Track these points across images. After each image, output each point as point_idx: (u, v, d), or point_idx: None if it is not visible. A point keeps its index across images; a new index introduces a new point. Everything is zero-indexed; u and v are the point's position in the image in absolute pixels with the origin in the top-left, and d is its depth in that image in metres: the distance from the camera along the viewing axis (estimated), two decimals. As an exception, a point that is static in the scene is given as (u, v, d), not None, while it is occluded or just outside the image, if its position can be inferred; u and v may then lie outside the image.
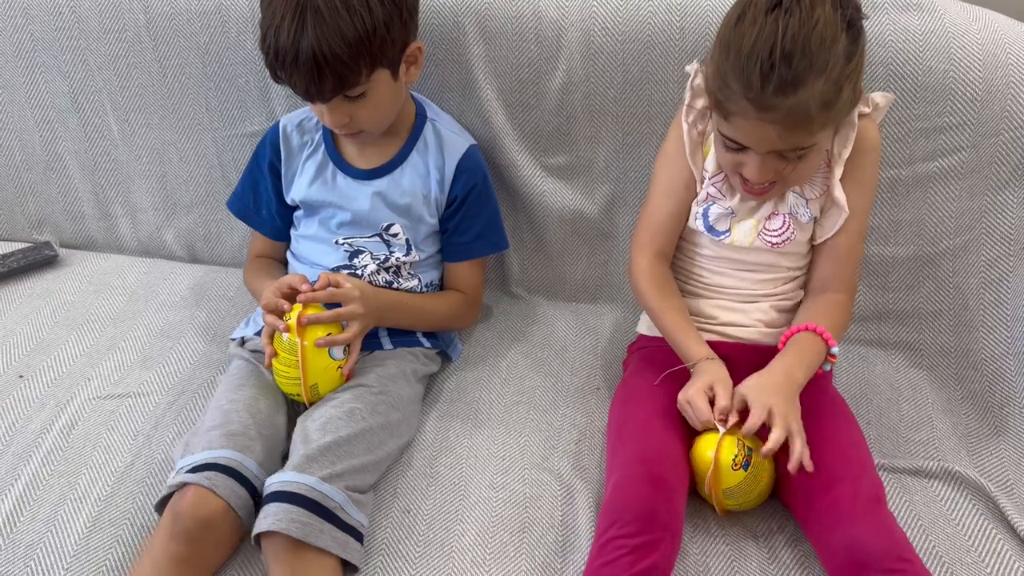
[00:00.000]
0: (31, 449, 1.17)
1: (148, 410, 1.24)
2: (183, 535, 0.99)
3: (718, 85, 0.99)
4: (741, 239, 1.15)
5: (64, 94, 1.49)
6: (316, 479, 1.01)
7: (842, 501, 0.98)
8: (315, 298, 1.13)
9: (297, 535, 0.97)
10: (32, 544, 1.05)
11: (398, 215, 1.26)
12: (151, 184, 1.54)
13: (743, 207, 1.15)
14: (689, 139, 1.15)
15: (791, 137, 0.98)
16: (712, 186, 1.16)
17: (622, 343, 1.35)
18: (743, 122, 0.99)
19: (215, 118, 1.46)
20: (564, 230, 1.43)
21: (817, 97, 0.95)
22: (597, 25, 1.28)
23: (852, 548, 0.94)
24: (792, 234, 1.14)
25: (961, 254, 1.29)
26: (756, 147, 1.02)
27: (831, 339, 1.09)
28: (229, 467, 1.04)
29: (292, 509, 0.98)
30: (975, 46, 1.20)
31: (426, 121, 1.28)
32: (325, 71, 1.07)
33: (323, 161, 1.27)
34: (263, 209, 1.33)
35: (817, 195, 1.14)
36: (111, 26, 1.42)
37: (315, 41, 1.05)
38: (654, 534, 0.96)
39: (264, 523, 0.98)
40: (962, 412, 1.25)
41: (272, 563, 0.99)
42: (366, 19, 1.07)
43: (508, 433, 1.21)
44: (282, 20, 1.07)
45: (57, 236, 1.61)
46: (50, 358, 1.33)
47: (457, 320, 1.35)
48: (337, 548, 0.99)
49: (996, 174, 1.24)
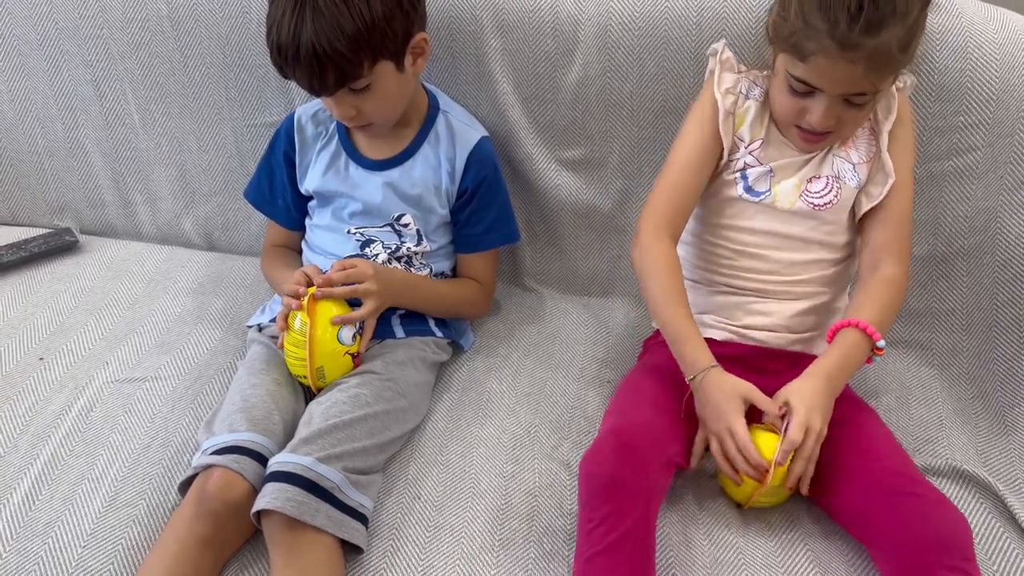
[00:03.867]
0: (50, 430, 1.19)
1: (165, 394, 1.25)
2: (210, 516, 1.01)
3: (800, 26, 1.01)
4: (783, 200, 1.15)
5: (86, 82, 1.51)
6: (312, 459, 1.02)
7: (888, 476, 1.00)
8: (331, 281, 1.16)
9: (292, 513, 0.98)
10: (50, 522, 1.07)
11: (409, 205, 1.27)
12: (170, 172, 1.56)
13: (783, 166, 1.16)
14: (723, 107, 1.16)
15: (870, 77, 1.01)
16: (750, 155, 1.16)
17: (633, 337, 1.35)
18: (824, 61, 1.01)
19: (235, 108, 1.48)
20: (577, 224, 1.44)
21: (897, 39, 0.99)
22: (614, 20, 1.29)
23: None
24: (836, 197, 1.14)
25: (975, 254, 1.29)
26: (830, 88, 1.04)
27: (875, 334, 1.07)
28: (254, 450, 1.06)
29: (288, 488, 1.00)
30: (992, 45, 1.20)
31: (438, 112, 1.29)
32: (326, 65, 1.08)
33: (336, 151, 1.28)
34: (279, 199, 1.35)
35: (864, 159, 1.15)
36: (134, 15, 1.44)
37: (314, 36, 1.06)
38: (621, 502, 0.97)
39: (261, 502, 1.00)
40: (972, 412, 1.25)
41: (270, 542, 1.01)
42: (365, 12, 1.08)
43: (518, 423, 1.22)
44: (283, 16, 1.08)
45: (77, 222, 1.63)
46: (69, 342, 1.35)
47: (471, 307, 1.36)
48: (333, 527, 1.01)
49: (1011, 174, 1.23)
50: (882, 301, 1.12)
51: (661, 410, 1.10)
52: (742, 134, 1.17)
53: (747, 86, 1.18)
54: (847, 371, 1.07)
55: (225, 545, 1.04)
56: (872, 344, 1.08)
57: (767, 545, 1.05)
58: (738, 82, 1.18)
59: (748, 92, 1.18)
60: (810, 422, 1.01)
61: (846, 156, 1.15)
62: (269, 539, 1.01)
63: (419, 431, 1.21)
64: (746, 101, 1.17)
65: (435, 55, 1.35)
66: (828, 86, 1.04)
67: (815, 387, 1.03)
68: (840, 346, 1.08)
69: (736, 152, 1.17)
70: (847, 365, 1.07)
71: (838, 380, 1.06)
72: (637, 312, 1.43)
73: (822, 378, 1.04)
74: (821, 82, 1.04)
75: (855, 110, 1.07)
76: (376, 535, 1.06)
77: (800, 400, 1.02)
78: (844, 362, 1.07)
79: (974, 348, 1.31)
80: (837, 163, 1.15)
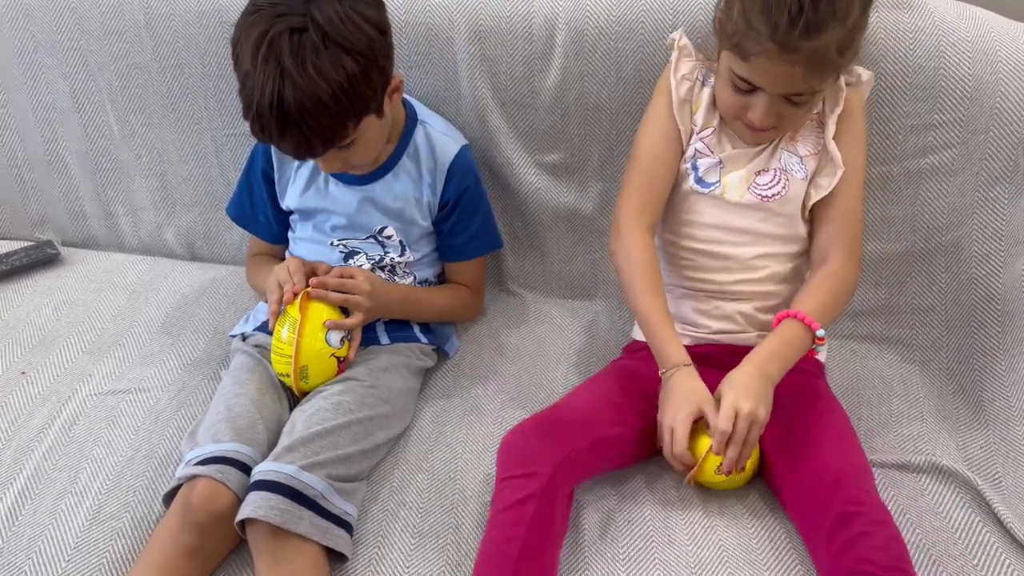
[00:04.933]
0: (33, 444, 1.19)
1: (149, 405, 1.25)
2: (195, 527, 1.01)
3: (742, 26, 1.03)
4: (732, 192, 1.17)
5: (65, 94, 1.51)
6: (296, 467, 1.03)
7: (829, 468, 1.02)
8: (325, 284, 1.17)
9: (276, 521, 0.98)
10: (34, 537, 1.07)
11: (390, 218, 1.27)
12: (151, 183, 1.56)
13: (732, 157, 1.17)
14: (677, 95, 1.18)
15: (809, 78, 1.03)
16: (700, 141, 1.18)
17: (616, 339, 1.36)
18: (764, 63, 1.03)
19: (214, 117, 1.48)
20: (559, 227, 1.44)
21: (836, 42, 1.00)
22: (590, 23, 1.29)
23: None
24: (784, 189, 1.16)
25: (952, 250, 1.30)
26: (771, 88, 1.06)
27: (814, 324, 1.09)
28: (239, 460, 1.06)
29: (271, 497, 1.00)
30: (964, 43, 1.21)
31: (416, 124, 1.28)
32: (311, 136, 1.07)
33: (315, 168, 1.27)
34: (259, 215, 1.35)
35: (811, 151, 1.17)
36: (112, 27, 1.44)
37: (296, 111, 1.03)
38: (533, 463, 1.01)
39: (245, 510, 1.00)
40: (952, 407, 1.26)
41: (255, 551, 1.01)
42: (343, 79, 1.04)
43: (503, 428, 1.20)
44: (261, 95, 1.04)
45: (59, 235, 1.63)
46: (52, 355, 1.35)
47: (463, 310, 1.38)
48: (318, 535, 1.01)
49: (986, 170, 1.25)
50: (824, 293, 1.14)
51: (605, 401, 1.13)
52: (696, 120, 1.19)
53: (704, 73, 1.20)
54: (784, 359, 1.08)
55: (211, 556, 1.04)
56: (812, 334, 1.10)
57: (750, 543, 1.05)
58: (695, 69, 1.20)
59: (705, 79, 1.20)
60: (737, 406, 1.03)
61: (793, 150, 1.17)
62: (254, 548, 1.01)
63: (404, 437, 1.21)
64: (703, 88, 1.19)
65: (412, 63, 1.36)
66: (769, 86, 1.06)
67: (745, 373, 1.06)
68: (776, 335, 1.10)
69: (690, 139, 1.20)
70: (784, 354, 1.09)
71: (773, 367, 1.07)
72: (620, 314, 1.43)
73: (753, 365, 1.07)
74: (762, 82, 1.06)
75: (795, 108, 1.09)
76: (361, 542, 1.06)
77: (728, 387, 1.05)
78: (781, 350, 1.09)
79: (954, 344, 1.32)
80: (785, 156, 1.17)
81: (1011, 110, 1.20)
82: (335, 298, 1.17)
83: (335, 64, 1.04)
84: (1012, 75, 1.20)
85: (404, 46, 1.35)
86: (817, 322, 1.09)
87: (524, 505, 0.99)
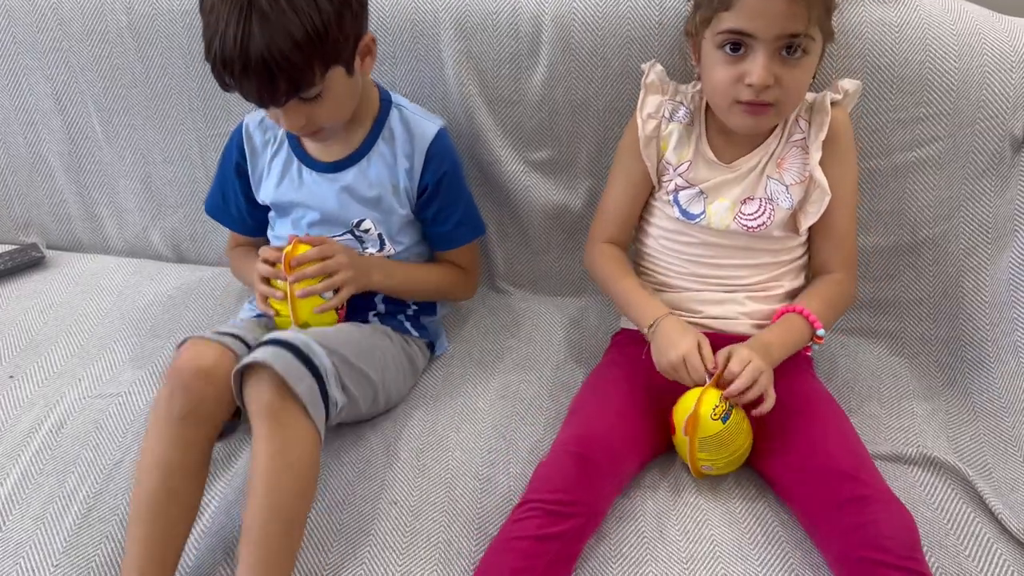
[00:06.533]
0: (20, 448, 1.18)
1: (137, 409, 1.24)
2: (181, 389, 1.01)
3: None
4: (717, 221, 1.17)
5: (47, 96, 1.50)
6: (311, 339, 1.04)
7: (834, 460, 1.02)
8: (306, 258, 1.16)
9: (280, 370, 0.98)
10: (21, 542, 1.06)
11: (368, 208, 1.25)
12: (136, 185, 1.55)
13: (715, 186, 1.17)
14: (643, 133, 1.18)
15: (796, 9, 1.00)
16: (679, 176, 1.18)
17: (606, 336, 1.36)
18: (749, 1, 1.02)
19: (198, 118, 1.47)
20: (548, 225, 1.44)
21: None
22: (576, 20, 1.29)
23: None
24: (769, 219, 1.15)
25: (940, 243, 1.30)
26: (764, 30, 1.02)
27: (816, 322, 1.12)
28: (239, 336, 1.08)
29: (281, 351, 1.00)
30: (950, 37, 1.21)
31: (391, 107, 1.25)
32: (277, 76, 1.03)
33: (288, 158, 1.26)
34: (232, 209, 1.34)
35: (797, 180, 1.16)
36: (94, 27, 1.43)
37: (264, 46, 1.01)
38: (571, 506, 0.99)
39: (250, 358, 1.00)
40: (942, 399, 1.26)
41: (254, 414, 0.99)
42: (315, 18, 1.02)
43: (494, 427, 1.22)
44: (227, 27, 1.01)
45: (44, 238, 1.62)
46: (39, 359, 1.34)
47: (456, 288, 1.36)
48: (310, 404, 1.00)
49: (973, 163, 1.25)
50: (827, 296, 1.17)
51: (624, 415, 1.11)
52: (669, 159, 1.19)
53: (671, 108, 1.19)
54: (785, 346, 1.11)
55: (205, 419, 1.03)
56: (812, 332, 1.12)
57: (743, 537, 1.05)
58: (661, 106, 1.19)
59: (672, 115, 1.19)
60: (749, 355, 1.04)
61: (779, 178, 1.16)
62: (254, 411, 1.00)
63: (395, 437, 1.20)
64: (669, 124, 1.19)
65: (398, 58, 1.35)
66: (762, 28, 1.02)
67: (749, 345, 1.08)
68: (780, 324, 1.13)
69: (665, 175, 1.20)
70: (786, 341, 1.11)
71: (777, 350, 1.09)
72: (609, 310, 1.43)
73: (760, 342, 1.09)
74: (754, 24, 1.03)
75: (791, 69, 1.05)
76: (353, 542, 1.06)
77: (740, 347, 1.07)
78: (784, 337, 1.11)
79: (942, 336, 1.32)
80: (771, 185, 1.16)
81: (997, 103, 1.21)
82: (321, 287, 1.16)
83: (310, 2, 1.03)
84: (998, 68, 1.21)
85: (390, 43, 1.35)
86: (819, 321, 1.11)
87: (550, 542, 0.97)
